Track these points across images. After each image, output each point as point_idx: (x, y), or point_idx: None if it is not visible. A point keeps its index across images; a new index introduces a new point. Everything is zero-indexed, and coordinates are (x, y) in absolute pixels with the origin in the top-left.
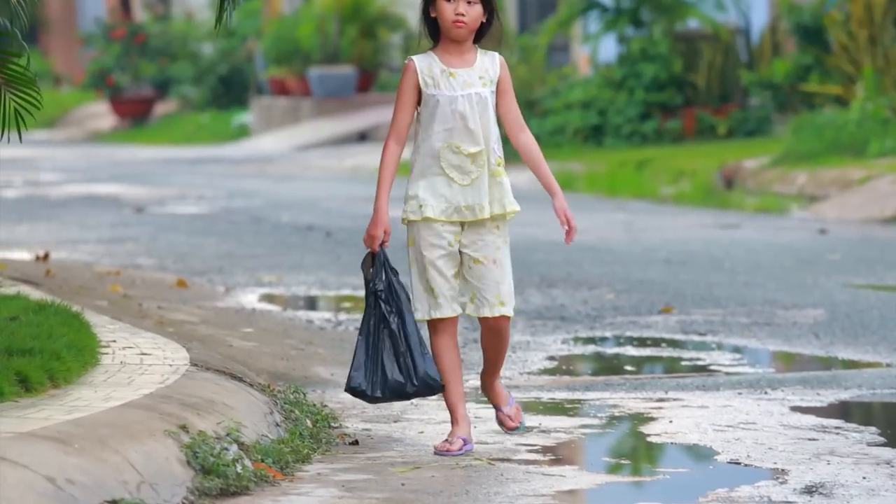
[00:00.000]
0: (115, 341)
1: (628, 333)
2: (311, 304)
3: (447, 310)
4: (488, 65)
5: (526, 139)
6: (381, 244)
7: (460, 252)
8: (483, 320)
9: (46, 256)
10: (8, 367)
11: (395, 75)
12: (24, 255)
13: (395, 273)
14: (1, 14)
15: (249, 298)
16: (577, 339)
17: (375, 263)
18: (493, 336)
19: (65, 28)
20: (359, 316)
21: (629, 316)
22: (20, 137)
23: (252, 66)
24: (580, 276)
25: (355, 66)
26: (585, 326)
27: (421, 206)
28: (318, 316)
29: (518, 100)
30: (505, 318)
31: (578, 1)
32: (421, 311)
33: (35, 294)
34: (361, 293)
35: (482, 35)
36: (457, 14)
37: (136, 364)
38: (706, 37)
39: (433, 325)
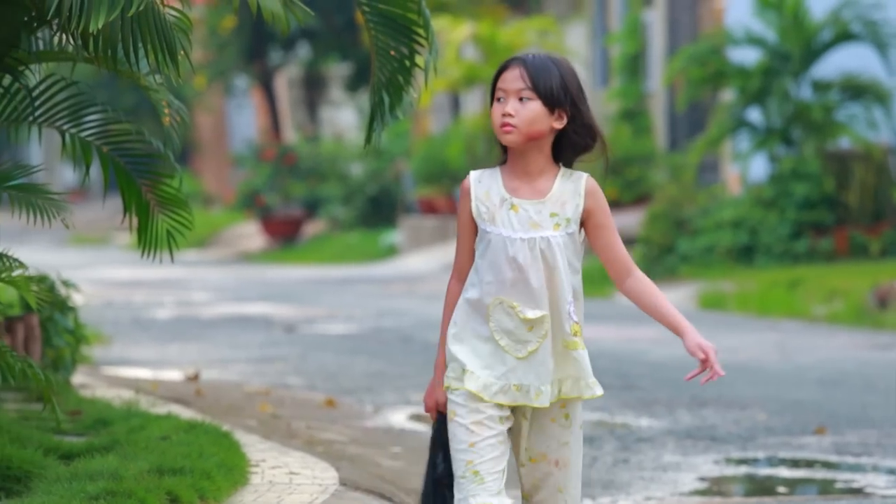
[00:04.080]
0: (264, 460)
1: (781, 454)
2: None
3: (492, 499)
4: (569, 196)
5: (634, 283)
6: (441, 415)
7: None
8: None
9: (197, 376)
10: (159, 486)
11: None
12: (175, 375)
13: None
14: (154, 136)
15: (398, 418)
16: (728, 460)
17: (437, 442)
18: None
19: (216, 149)
20: None
21: (782, 436)
22: (172, 258)
23: (400, 186)
24: (731, 396)
25: None
26: (737, 447)
27: (465, 372)
28: None
29: (667, 219)
30: None
31: (728, 120)
32: (460, 494)
33: (186, 414)
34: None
35: (569, 149)
36: (503, 115)
37: (286, 483)
38: (858, 156)
39: None
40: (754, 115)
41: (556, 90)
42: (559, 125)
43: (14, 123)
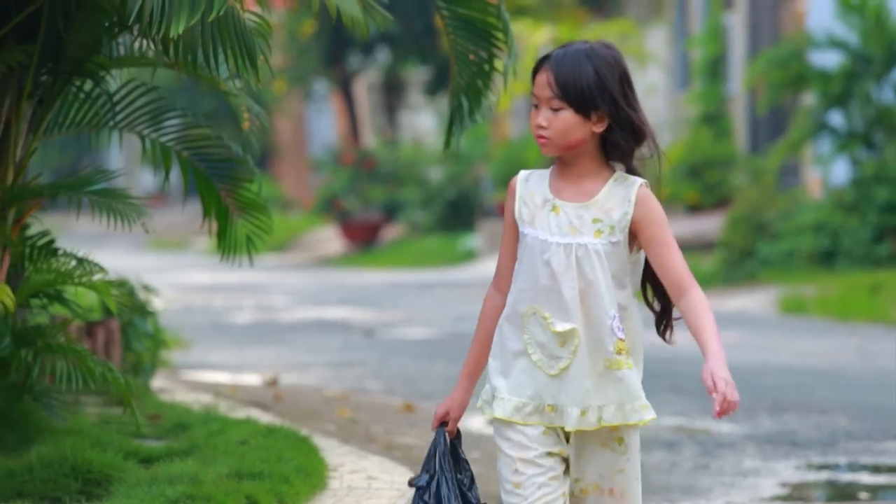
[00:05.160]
0: (342, 465)
1: (863, 460)
2: None
3: None
4: (617, 201)
5: (686, 304)
6: (444, 425)
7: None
8: None
9: (275, 381)
10: (238, 490)
11: None
12: (253, 380)
13: (454, 469)
14: (234, 141)
15: (477, 423)
16: (809, 465)
17: (429, 450)
18: None
19: (295, 154)
20: None
21: (863, 442)
22: (251, 262)
23: (479, 190)
24: (812, 401)
25: None
26: (818, 452)
27: (494, 398)
28: None
29: (748, 223)
30: None
31: (809, 124)
32: None
33: (264, 418)
34: None
35: (615, 152)
36: (537, 126)
37: (364, 488)
38: None
39: None
40: (836, 118)
41: (589, 93)
42: (600, 128)
43: (95, 128)
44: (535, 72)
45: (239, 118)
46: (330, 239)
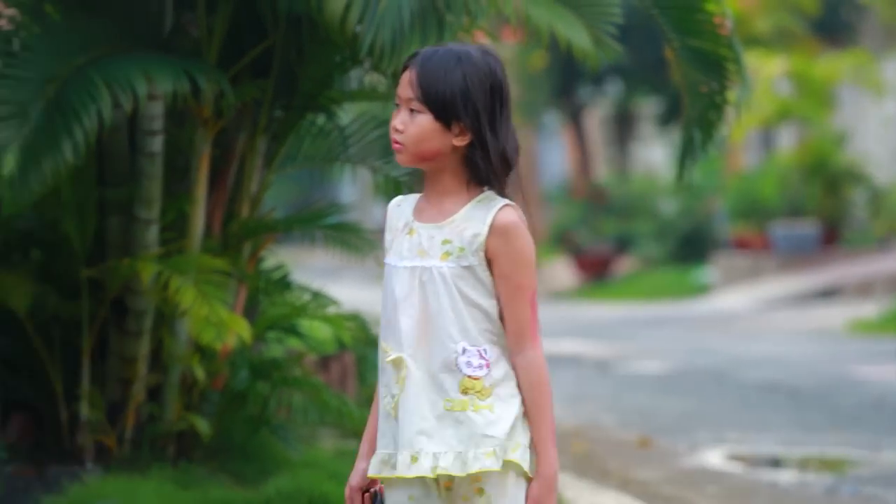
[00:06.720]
0: (578, 499)
1: None
2: (776, 463)
3: None
4: (473, 223)
5: (520, 365)
6: (375, 496)
7: None
8: None
9: None
10: None
11: (861, 232)
12: None
13: None
14: None
15: (714, 457)
16: None
17: None
18: None
19: (527, 186)
20: (828, 477)
21: None
22: None
23: (712, 223)
24: None
25: (819, 222)
26: None
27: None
28: (785, 477)
29: None
30: None
31: None
32: None
33: None
34: (830, 452)
35: (474, 175)
36: (392, 128)
37: None
38: None
39: None
40: None
41: (451, 100)
42: (461, 143)
43: (327, 162)
44: (403, 69)
45: None
46: (562, 272)
